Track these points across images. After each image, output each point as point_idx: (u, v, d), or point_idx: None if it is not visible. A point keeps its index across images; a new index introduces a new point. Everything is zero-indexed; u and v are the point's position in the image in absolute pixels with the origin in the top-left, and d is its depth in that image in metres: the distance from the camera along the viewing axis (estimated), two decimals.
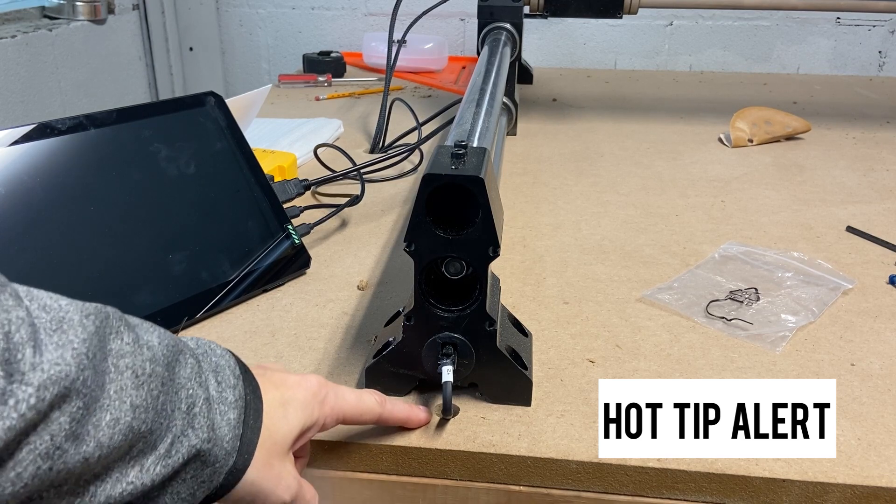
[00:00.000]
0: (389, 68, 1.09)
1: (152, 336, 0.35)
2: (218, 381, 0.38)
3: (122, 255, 0.57)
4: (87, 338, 0.30)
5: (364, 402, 0.46)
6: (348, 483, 0.49)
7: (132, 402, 0.32)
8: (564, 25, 1.68)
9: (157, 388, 0.33)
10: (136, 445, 0.33)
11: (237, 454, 0.37)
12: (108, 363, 0.31)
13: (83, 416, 0.29)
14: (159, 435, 0.34)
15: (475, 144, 0.56)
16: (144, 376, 0.33)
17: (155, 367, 0.34)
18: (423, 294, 0.48)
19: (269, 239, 0.67)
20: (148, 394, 0.33)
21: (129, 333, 0.33)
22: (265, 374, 0.42)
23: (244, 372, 0.40)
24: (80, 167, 0.57)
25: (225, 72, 1.79)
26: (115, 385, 0.31)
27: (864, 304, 0.65)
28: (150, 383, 0.33)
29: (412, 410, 0.49)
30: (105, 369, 0.31)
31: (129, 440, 0.32)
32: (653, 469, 0.46)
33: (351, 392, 0.45)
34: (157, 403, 0.33)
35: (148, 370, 0.33)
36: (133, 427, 0.32)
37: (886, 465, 0.46)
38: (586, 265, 0.71)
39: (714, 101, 1.36)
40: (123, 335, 0.33)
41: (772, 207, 0.86)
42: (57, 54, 1.29)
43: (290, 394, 0.42)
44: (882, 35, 1.63)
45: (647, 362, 0.56)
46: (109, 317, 0.33)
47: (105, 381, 0.31)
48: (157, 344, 0.35)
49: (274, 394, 0.41)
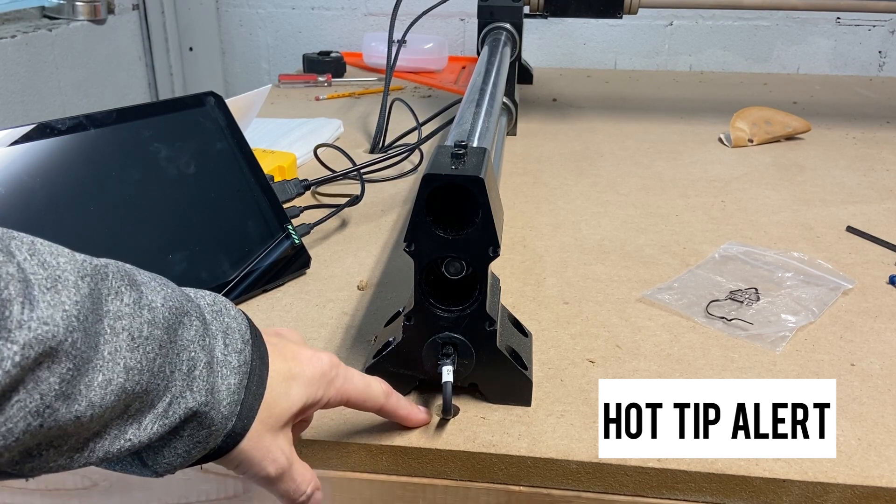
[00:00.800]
0: (389, 68, 1.09)
1: (157, 296, 0.35)
2: (225, 344, 0.38)
3: (122, 255, 0.57)
4: (80, 300, 0.30)
5: (371, 389, 0.45)
6: (348, 483, 0.49)
7: (126, 364, 0.32)
8: (564, 25, 1.68)
9: (153, 350, 0.34)
10: (132, 405, 0.33)
11: (236, 418, 0.37)
12: (103, 324, 0.32)
13: (73, 376, 0.30)
14: (157, 395, 0.34)
15: (475, 144, 0.56)
16: (141, 339, 0.33)
17: (153, 330, 0.34)
18: (423, 294, 0.48)
19: (269, 239, 0.67)
20: (143, 356, 0.33)
21: (131, 293, 0.33)
22: (279, 344, 0.42)
23: (254, 336, 0.40)
24: (80, 167, 0.57)
25: (225, 72, 1.79)
26: (110, 346, 0.32)
27: (865, 304, 0.65)
28: (147, 346, 0.33)
29: (413, 409, 0.49)
30: (100, 330, 0.31)
31: (124, 400, 0.32)
32: (653, 469, 0.46)
33: (360, 377, 0.45)
34: (154, 366, 0.33)
35: (145, 332, 0.33)
36: (126, 388, 0.32)
37: (886, 465, 0.46)
38: (586, 265, 0.71)
39: (714, 101, 1.36)
40: (123, 296, 0.33)
41: (772, 207, 0.86)
42: (57, 54, 1.29)
43: (299, 369, 0.42)
44: (882, 35, 1.63)
45: (647, 362, 0.56)
46: (109, 276, 0.33)
47: (99, 343, 0.31)
48: (161, 305, 0.35)
49: (282, 366, 0.41)
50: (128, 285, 0.34)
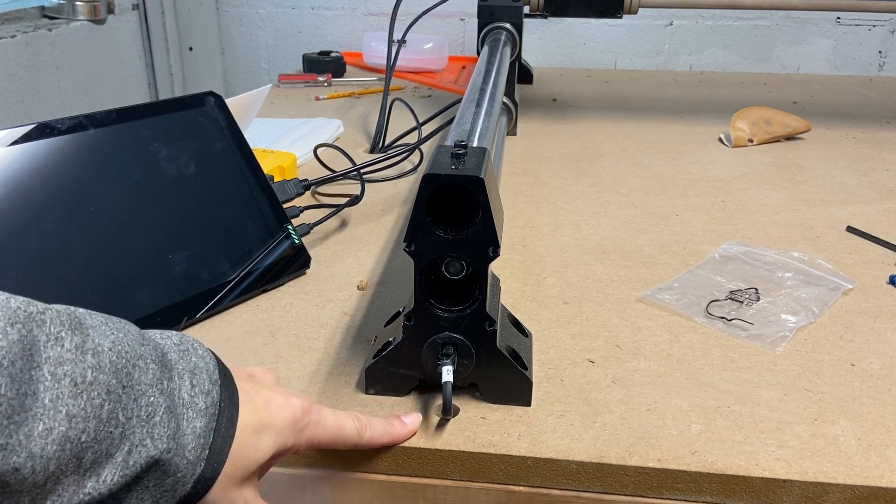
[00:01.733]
0: (389, 68, 1.09)
1: (105, 340, 0.33)
2: (192, 384, 0.37)
3: (122, 255, 0.57)
4: (7, 345, 0.29)
5: (344, 431, 0.45)
6: (348, 483, 0.49)
7: (68, 412, 0.30)
8: (564, 25, 1.68)
9: (99, 396, 0.32)
10: (84, 455, 0.32)
11: (205, 462, 0.36)
12: (42, 371, 0.30)
13: (3, 426, 0.28)
14: (112, 443, 0.33)
15: (475, 144, 0.56)
16: (84, 384, 0.31)
17: (98, 375, 0.32)
18: (423, 294, 0.48)
19: (269, 239, 0.67)
20: (88, 402, 0.31)
21: (74, 338, 0.32)
22: (250, 391, 0.40)
23: (223, 376, 0.39)
24: (79, 167, 0.57)
25: (225, 72, 1.79)
26: (51, 393, 0.30)
27: (865, 304, 0.65)
28: (91, 391, 0.32)
29: (393, 432, 0.48)
30: (38, 377, 0.30)
31: (71, 450, 0.31)
32: (653, 469, 0.46)
33: (334, 419, 0.44)
34: (102, 412, 0.32)
35: (89, 378, 0.32)
36: (69, 437, 0.31)
37: (886, 465, 0.46)
38: (586, 265, 0.71)
39: (714, 101, 1.36)
40: (64, 341, 0.32)
41: (772, 207, 0.86)
42: (57, 54, 1.29)
43: (270, 418, 0.40)
44: (882, 35, 1.63)
45: (647, 362, 0.56)
46: (47, 323, 0.31)
47: (38, 390, 0.30)
48: (109, 349, 0.33)
49: (252, 416, 0.40)
50: (70, 329, 0.32)
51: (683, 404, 0.51)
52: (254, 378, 0.43)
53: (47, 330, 0.31)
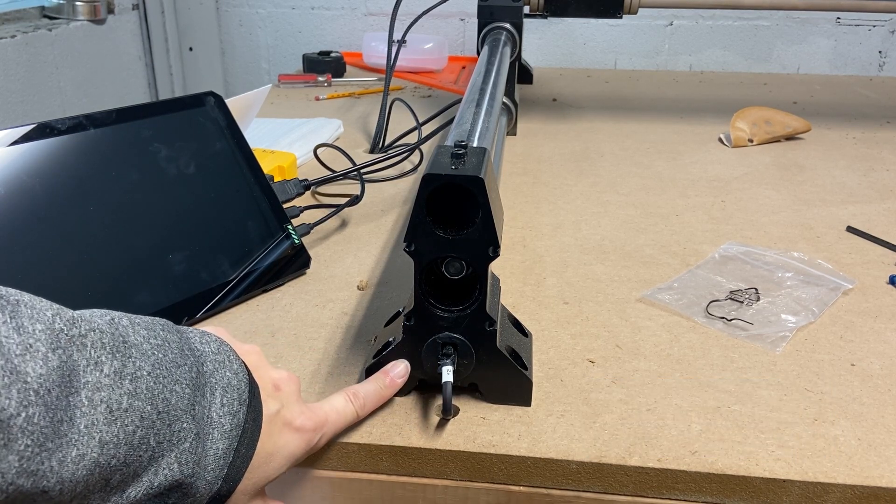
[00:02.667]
0: (389, 68, 1.09)
1: (145, 363, 0.33)
2: (222, 403, 0.37)
3: (122, 255, 0.57)
4: (46, 373, 0.29)
5: (347, 419, 0.47)
6: (348, 483, 0.49)
7: (101, 439, 0.31)
8: (564, 25, 1.68)
9: (133, 422, 0.32)
10: (112, 478, 0.32)
11: (222, 481, 0.37)
12: (80, 396, 0.30)
13: (35, 453, 0.28)
14: (140, 466, 0.33)
15: (475, 144, 0.56)
16: (120, 411, 0.32)
17: (134, 402, 0.32)
18: (423, 294, 0.48)
19: (269, 239, 0.67)
20: (121, 429, 0.32)
21: (113, 363, 0.32)
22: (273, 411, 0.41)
23: (251, 395, 0.39)
24: (79, 167, 0.57)
25: (225, 72, 1.79)
26: (87, 420, 0.30)
27: (865, 304, 0.65)
28: (126, 418, 0.32)
29: (384, 394, 0.49)
30: (75, 403, 0.30)
31: (100, 473, 0.31)
32: (653, 469, 0.46)
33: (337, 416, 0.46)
34: (134, 438, 0.32)
35: (125, 405, 0.32)
36: (100, 462, 0.31)
37: (886, 465, 0.46)
38: (586, 265, 0.71)
39: (714, 101, 1.36)
40: (104, 366, 0.32)
41: (772, 207, 0.86)
42: (56, 54, 1.29)
43: (286, 443, 0.42)
44: (882, 35, 1.63)
45: (647, 362, 0.56)
46: (88, 346, 0.31)
47: (75, 416, 0.30)
48: (148, 373, 0.33)
49: (270, 439, 0.40)
50: (111, 352, 0.32)
51: (683, 404, 0.51)
52: (279, 391, 0.43)
53: (88, 354, 0.31)
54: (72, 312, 0.32)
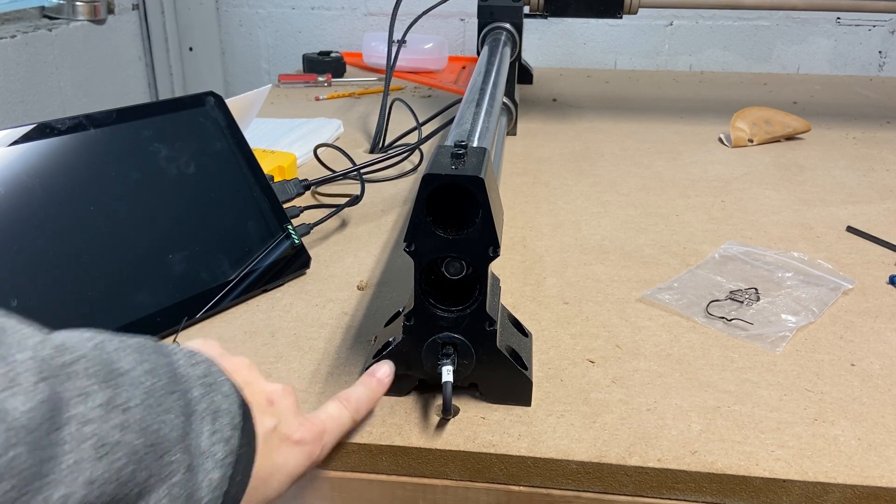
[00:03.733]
0: (389, 68, 1.09)
1: (136, 391, 0.32)
2: (213, 431, 0.35)
3: (122, 255, 0.57)
4: (34, 406, 0.27)
5: (344, 427, 0.46)
6: (348, 483, 0.49)
7: (89, 477, 0.29)
8: (564, 25, 1.68)
9: (123, 457, 0.30)
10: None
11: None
12: (65, 432, 0.28)
13: (17, 496, 0.26)
14: (129, 501, 0.31)
15: (475, 144, 0.56)
16: (109, 445, 0.30)
17: (124, 436, 0.30)
18: (423, 294, 0.48)
19: (269, 239, 0.67)
20: (110, 465, 0.30)
21: (104, 393, 0.30)
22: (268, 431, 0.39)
23: (244, 418, 0.37)
24: (79, 167, 0.57)
25: (225, 72, 1.79)
26: (73, 456, 0.28)
27: (865, 304, 0.65)
28: (115, 453, 0.30)
29: (374, 397, 0.49)
30: (60, 440, 0.28)
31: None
32: (652, 469, 0.46)
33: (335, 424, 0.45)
34: (122, 474, 0.30)
35: (115, 438, 0.30)
36: (86, 501, 0.29)
37: (887, 465, 0.46)
38: (586, 265, 0.71)
39: (714, 101, 1.36)
40: (94, 396, 0.30)
41: (772, 207, 0.86)
42: (56, 54, 1.29)
43: (284, 459, 0.40)
44: (882, 35, 1.63)
45: (647, 362, 0.56)
46: (78, 376, 0.30)
47: (58, 454, 0.28)
48: (138, 404, 0.31)
49: (267, 461, 0.39)
50: (100, 382, 0.30)
51: (683, 404, 0.51)
52: (273, 405, 0.42)
53: (75, 384, 0.29)
54: (57, 338, 0.31)
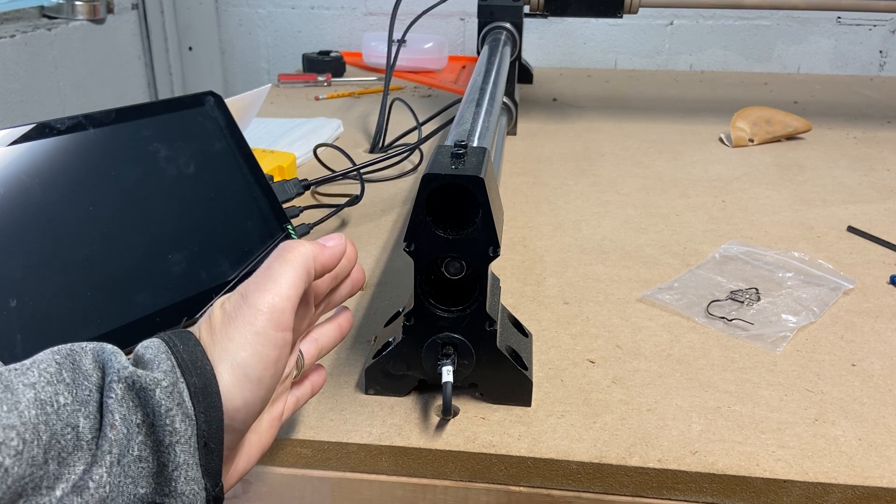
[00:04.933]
0: (389, 68, 1.09)
1: (101, 470, 0.30)
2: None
3: (122, 255, 0.57)
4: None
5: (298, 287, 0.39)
6: (348, 483, 0.49)
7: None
8: (564, 25, 1.68)
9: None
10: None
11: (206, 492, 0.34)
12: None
13: None
14: None
15: (475, 144, 0.56)
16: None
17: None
18: (422, 294, 0.48)
19: (269, 239, 0.66)
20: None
21: (62, 484, 0.29)
22: (213, 343, 0.37)
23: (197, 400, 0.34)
24: (79, 167, 0.57)
25: (224, 71, 1.79)
26: None
27: (865, 304, 0.65)
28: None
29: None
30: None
31: None
32: (653, 469, 0.46)
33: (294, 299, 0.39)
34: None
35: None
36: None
37: (887, 465, 0.46)
38: (586, 265, 0.71)
39: (714, 101, 1.36)
40: (55, 489, 0.29)
41: (772, 207, 0.86)
42: (56, 54, 1.29)
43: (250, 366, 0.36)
44: (883, 35, 1.63)
45: (648, 362, 0.56)
46: (49, 464, 0.29)
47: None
48: (105, 479, 0.30)
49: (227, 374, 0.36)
50: (59, 478, 0.29)
51: (684, 404, 0.51)
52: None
53: (39, 479, 0.28)
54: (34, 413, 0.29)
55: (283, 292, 0.38)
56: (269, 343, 0.37)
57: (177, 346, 0.35)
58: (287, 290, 0.38)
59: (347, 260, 0.44)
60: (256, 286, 0.38)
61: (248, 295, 0.37)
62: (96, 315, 0.55)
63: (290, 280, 0.38)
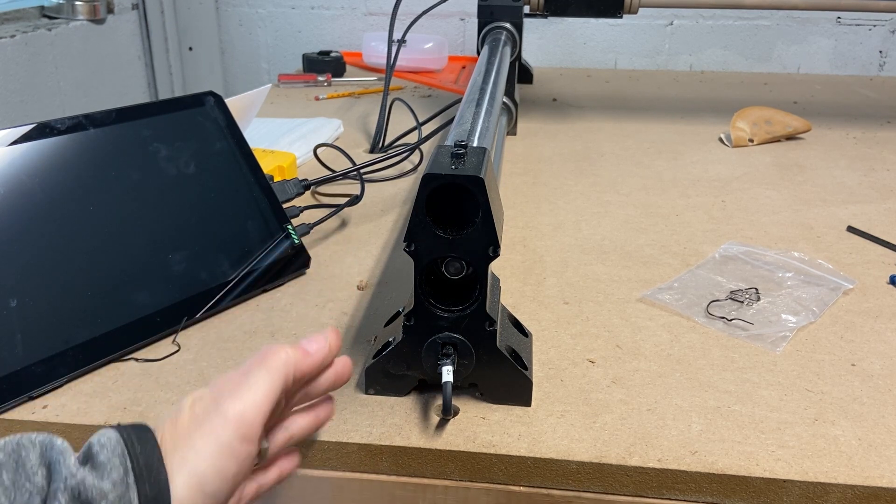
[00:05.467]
0: (389, 68, 1.09)
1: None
2: None
3: (122, 255, 0.57)
4: None
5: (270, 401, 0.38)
6: (348, 483, 0.49)
7: None
8: (564, 25, 1.68)
9: None
10: None
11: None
12: None
13: None
14: None
15: (475, 144, 0.56)
16: None
17: None
18: (422, 294, 0.48)
19: (269, 239, 0.66)
20: None
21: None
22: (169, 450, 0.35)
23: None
24: (79, 167, 0.57)
25: (224, 71, 1.79)
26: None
27: (865, 304, 0.65)
28: None
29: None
30: None
31: None
32: (653, 469, 0.46)
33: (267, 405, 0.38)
34: None
35: None
36: None
37: (887, 465, 0.46)
38: (586, 265, 0.71)
39: (714, 101, 1.36)
40: None
41: (772, 207, 0.86)
42: (56, 54, 1.29)
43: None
44: (883, 35, 1.63)
45: (648, 362, 0.56)
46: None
47: None
48: None
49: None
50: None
51: (683, 404, 0.51)
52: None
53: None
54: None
55: (256, 401, 0.37)
56: (231, 457, 0.36)
57: (134, 449, 0.34)
58: (260, 399, 0.37)
59: (330, 353, 0.42)
60: (230, 391, 0.37)
61: (220, 400, 0.37)
62: (96, 315, 0.55)
63: (264, 389, 0.37)
